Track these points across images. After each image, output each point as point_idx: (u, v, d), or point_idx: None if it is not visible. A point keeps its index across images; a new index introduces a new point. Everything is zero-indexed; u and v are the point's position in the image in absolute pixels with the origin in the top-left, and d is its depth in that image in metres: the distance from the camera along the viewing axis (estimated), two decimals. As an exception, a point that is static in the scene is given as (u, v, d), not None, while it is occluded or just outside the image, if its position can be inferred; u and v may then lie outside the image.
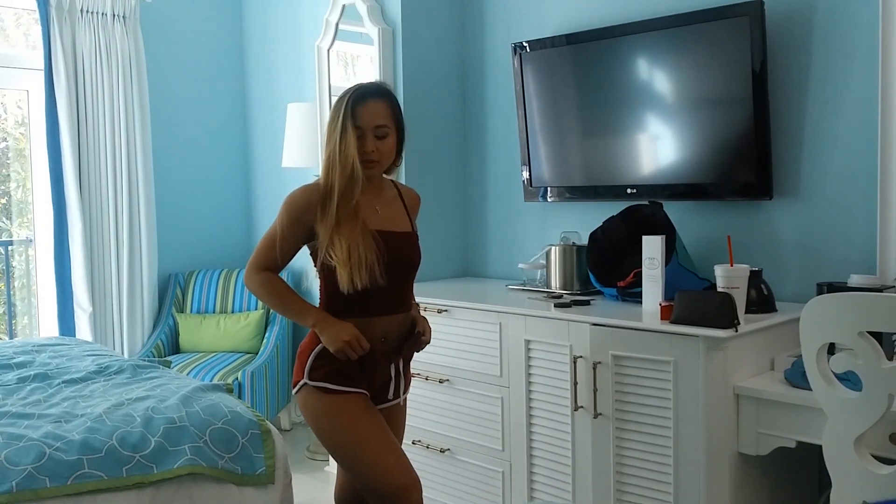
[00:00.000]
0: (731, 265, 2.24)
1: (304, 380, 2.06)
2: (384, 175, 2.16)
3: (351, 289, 1.98)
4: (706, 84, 2.65)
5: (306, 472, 3.57)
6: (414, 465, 2.09)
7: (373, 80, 3.30)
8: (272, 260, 2.06)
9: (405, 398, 2.23)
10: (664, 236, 2.42)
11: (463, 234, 3.59)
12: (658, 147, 2.81)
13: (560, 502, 2.52)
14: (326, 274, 2.04)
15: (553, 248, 2.92)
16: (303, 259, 2.16)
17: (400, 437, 2.24)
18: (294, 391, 2.10)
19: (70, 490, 1.89)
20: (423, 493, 2.08)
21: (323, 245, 1.99)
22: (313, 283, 3.82)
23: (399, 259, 2.08)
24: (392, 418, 2.17)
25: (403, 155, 2.15)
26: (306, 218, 2.02)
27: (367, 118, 2.02)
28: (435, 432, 2.92)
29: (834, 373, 1.80)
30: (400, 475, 2.02)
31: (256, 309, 4.08)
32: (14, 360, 2.76)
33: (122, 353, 3.90)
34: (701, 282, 2.50)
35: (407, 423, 2.89)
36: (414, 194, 2.27)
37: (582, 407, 2.43)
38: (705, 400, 2.15)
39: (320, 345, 2.04)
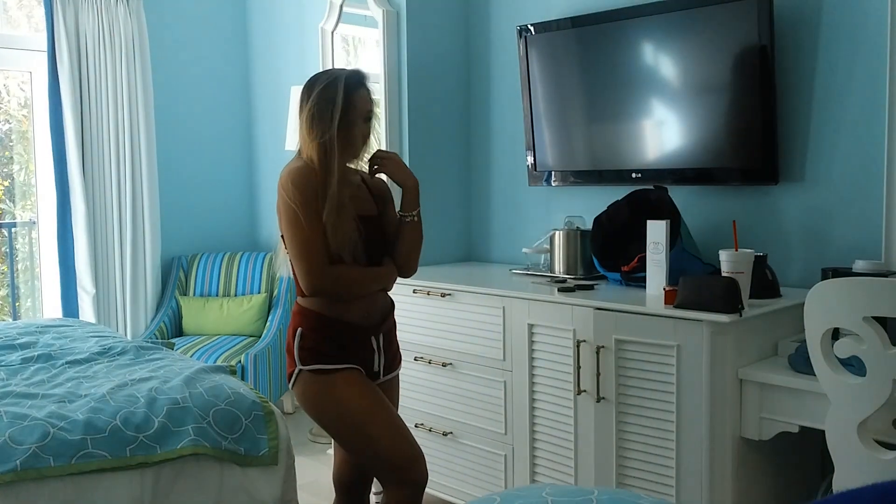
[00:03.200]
0: (736, 250, 2.24)
1: (298, 367, 2.08)
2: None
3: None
4: (712, 68, 2.63)
5: (309, 454, 3.59)
6: (416, 447, 2.10)
7: (376, 63, 3.31)
8: (322, 253, 2.02)
9: (396, 375, 2.26)
10: (669, 221, 2.42)
11: (466, 219, 3.58)
12: (663, 131, 2.80)
13: (562, 485, 2.52)
14: None
15: (557, 232, 2.91)
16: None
17: None
18: (290, 384, 2.12)
19: (74, 469, 1.89)
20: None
21: (328, 224, 2.01)
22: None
23: (374, 241, 2.14)
24: (384, 394, 2.19)
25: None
26: (315, 198, 2.03)
27: (363, 105, 2.08)
28: (438, 415, 2.93)
29: (838, 358, 1.80)
30: (405, 447, 2.07)
31: (260, 292, 4.09)
32: (18, 341, 2.76)
33: (126, 336, 3.91)
34: (705, 267, 2.49)
35: (410, 406, 2.93)
36: (381, 183, 2.28)
37: (585, 391, 2.43)
38: (708, 384, 2.15)
39: (300, 328, 2.09)
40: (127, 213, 3.97)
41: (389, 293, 2.24)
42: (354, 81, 2.07)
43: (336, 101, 2.02)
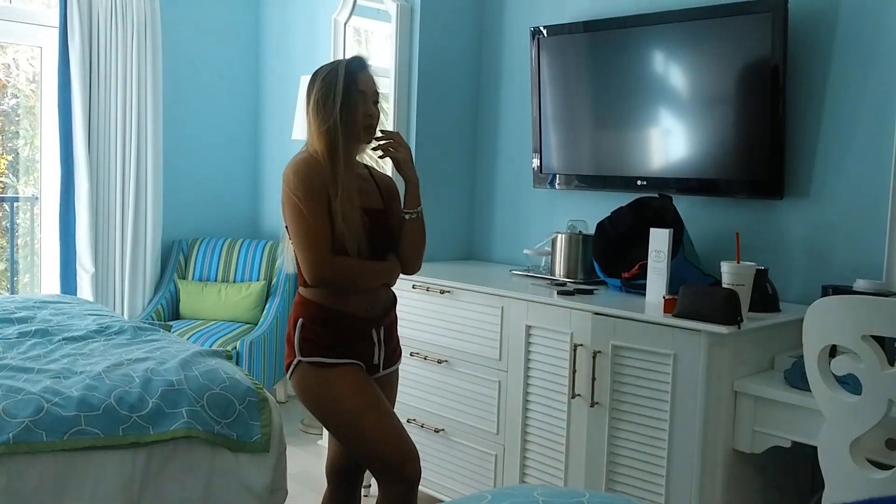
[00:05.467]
0: (738, 262, 2.24)
1: (297, 357, 2.07)
2: None
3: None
4: (723, 79, 2.63)
5: (300, 444, 3.59)
6: (408, 443, 2.10)
7: (387, 57, 3.31)
8: (326, 243, 2.01)
9: (396, 369, 2.25)
10: (672, 230, 2.42)
11: (469, 217, 3.58)
12: (670, 140, 2.80)
13: (552, 486, 2.52)
14: None
15: (559, 235, 2.91)
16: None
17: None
18: (288, 374, 2.11)
19: (66, 445, 1.89)
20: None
21: (339, 213, 2.00)
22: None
23: (378, 235, 2.12)
24: (383, 389, 2.18)
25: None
26: (324, 189, 2.01)
27: (369, 84, 2.07)
28: (430, 412, 2.93)
29: (834, 375, 1.80)
30: (399, 446, 2.06)
31: (259, 280, 4.09)
32: (15, 315, 2.76)
33: (123, 316, 3.91)
34: (705, 277, 2.49)
35: (403, 402, 2.93)
36: (388, 179, 2.27)
37: (579, 395, 2.43)
38: (703, 395, 2.15)
39: (301, 319, 2.07)
40: (130, 194, 3.97)
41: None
42: (355, 65, 2.06)
43: (337, 86, 2.02)
